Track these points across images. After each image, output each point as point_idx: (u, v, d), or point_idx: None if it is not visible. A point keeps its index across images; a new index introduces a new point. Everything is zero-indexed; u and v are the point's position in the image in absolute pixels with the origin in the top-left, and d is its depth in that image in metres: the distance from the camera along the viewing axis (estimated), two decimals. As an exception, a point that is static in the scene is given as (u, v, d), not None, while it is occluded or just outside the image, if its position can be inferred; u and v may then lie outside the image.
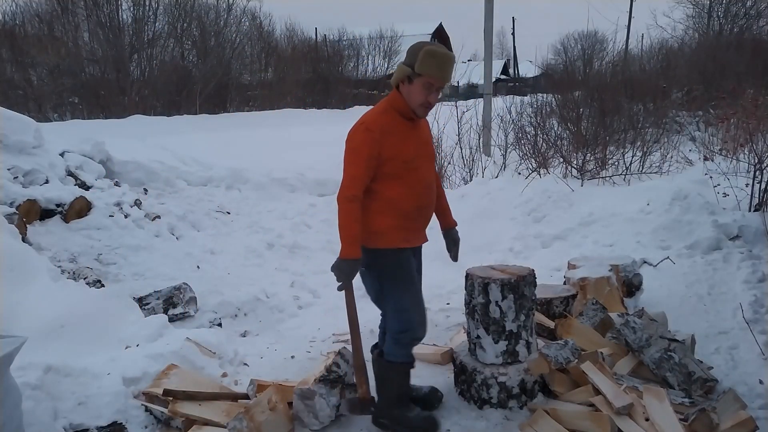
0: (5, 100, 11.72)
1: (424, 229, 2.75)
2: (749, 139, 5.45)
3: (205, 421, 2.73)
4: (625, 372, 2.98)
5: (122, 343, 3.32)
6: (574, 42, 36.52)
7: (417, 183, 2.61)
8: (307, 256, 5.63)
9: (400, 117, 2.59)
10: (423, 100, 2.53)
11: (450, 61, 2.52)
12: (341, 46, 27.28)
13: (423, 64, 2.47)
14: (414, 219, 2.65)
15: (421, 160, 2.64)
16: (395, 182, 2.56)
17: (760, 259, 4.14)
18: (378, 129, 2.51)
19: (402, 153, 2.55)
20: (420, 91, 2.52)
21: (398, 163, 2.54)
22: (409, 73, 2.50)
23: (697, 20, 24.68)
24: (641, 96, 9.99)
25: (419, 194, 2.63)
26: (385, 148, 2.51)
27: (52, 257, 4.19)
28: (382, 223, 2.59)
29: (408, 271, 2.67)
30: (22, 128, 5.05)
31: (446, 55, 2.50)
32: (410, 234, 2.66)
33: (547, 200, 5.92)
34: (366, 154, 2.49)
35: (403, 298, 2.65)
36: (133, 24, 17.96)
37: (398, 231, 2.61)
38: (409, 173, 2.58)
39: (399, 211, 2.59)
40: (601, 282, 3.65)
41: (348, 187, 2.51)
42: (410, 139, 2.59)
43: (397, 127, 2.57)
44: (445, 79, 2.52)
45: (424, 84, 2.50)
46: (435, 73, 2.49)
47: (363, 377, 2.72)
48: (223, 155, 7.67)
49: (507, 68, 45.72)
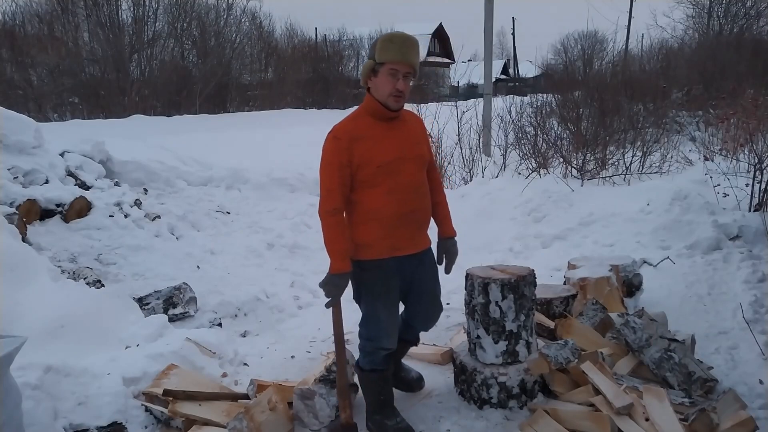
0: (5, 100, 11.73)
1: (416, 234, 2.60)
2: (749, 139, 5.45)
3: (205, 421, 2.73)
4: (625, 372, 2.98)
5: (122, 343, 3.33)
6: (574, 42, 36.53)
7: (398, 188, 2.47)
8: (307, 256, 5.63)
9: (373, 119, 2.49)
10: (391, 88, 2.40)
11: (409, 42, 2.42)
12: (341, 46, 27.29)
13: (382, 52, 2.38)
14: (399, 226, 2.50)
15: (404, 163, 2.48)
16: (373, 190, 2.46)
17: (760, 259, 4.14)
18: (345, 136, 2.41)
19: (375, 157, 2.42)
20: (386, 80, 2.40)
21: (372, 168, 2.42)
22: (373, 65, 2.42)
23: (697, 20, 24.71)
24: (641, 96, 9.99)
25: (402, 200, 2.49)
26: (355, 155, 2.40)
27: (52, 257, 4.19)
28: (365, 235, 2.50)
29: (387, 284, 2.57)
30: (22, 128, 5.05)
31: (404, 36, 2.42)
32: (398, 242, 2.53)
33: (547, 200, 5.92)
34: (336, 163, 2.40)
35: (377, 309, 2.59)
36: (133, 24, 17.98)
37: (383, 240, 2.50)
38: (388, 178, 2.45)
39: (381, 221, 2.48)
40: (601, 282, 3.65)
41: (326, 201, 2.44)
42: (387, 141, 2.47)
43: (370, 131, 2.46)
44: (407, 61, 2.39)
45: (389, 71, 2.39)
46: (395, 56, 2.37)
47: (346, 401, 2.62)
48: (223, 155, 7.67)
49: (507, 68, 45.73)
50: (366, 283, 2.58)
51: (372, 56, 2.43)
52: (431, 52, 36.53)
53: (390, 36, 2.42)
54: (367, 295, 2.60)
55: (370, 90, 2.49)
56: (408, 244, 2.57)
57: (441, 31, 38.88)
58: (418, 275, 2.66)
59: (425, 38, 36.34)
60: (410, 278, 2.64)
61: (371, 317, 2.62)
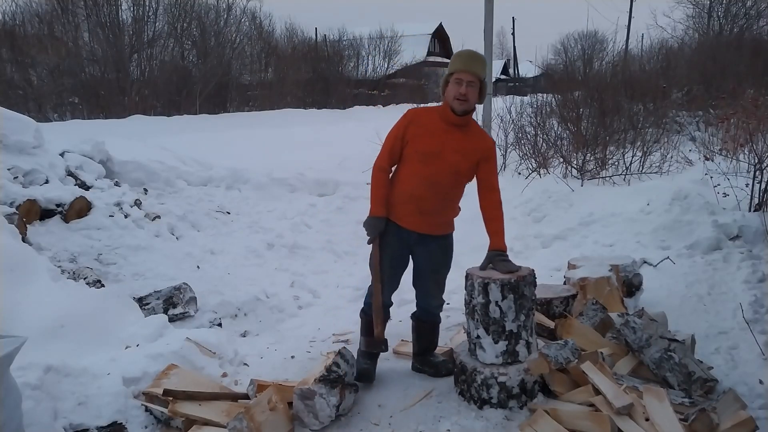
0: (5, 100, 11.72)
1: (418, 217, 3.01)
2: (749, 139, 5.45)
3: (205, 421, 2.73)
4: (625, 372, 2.98)
5: (122, 343, 3.32)
6: (574, 42, 36.53)
7: (420, 174, 2.94)
8: (307, 256, 5.63)
9: (439, 118, 2.97)
10: (456, 92, 2.87)
11: (474, 56, 2.93)
12: (341, 46, 27.29)
13: (451, 64, 2.93)
14: (404, 202, 3.00)
15: (437, 160, 2.92)
16: (405, 165, 3.02)
17: (760, 259, 4.14)
18: (410, 118, 2.99)
19: (418, 144, 2.94)
20: (453, 87, 2.89)
21: (412, 151, 2.96)
22: (446, 77, 2.94)
23: (697, 20, 24.69)
24: (641, 96, 9.98)
25: (417, 184, 2.96)
26: (408, 134, 2.96)
27: (52, 257, 4.18)
28: (390, 197, 3.04)
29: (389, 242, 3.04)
30: (22, 128, 5.04)
31: (470, 52, 2.95)
32: (400, 213, 3.02)
33: (547, 200, 5.92)
34: (394, 134, 3.01)
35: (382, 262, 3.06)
36: (133, 24, 17.95)
37: (393, 207, 3.03)
38: (418, 164, 2.94)
39: (397, 190, 3.03)
40: (601, 282, 3.65)
41: (378, 158, 3.05)
42: (435, 138, 2.93)
43: (430, 124, 2.96)
44: (470, 70, 2.87)
45: (455, 80, 2.88)
46: (459, 67, 2.88)
47: (379, 318, 3.09)
48: (223, 155, 7.67)
49: (507, 68, 45.71)
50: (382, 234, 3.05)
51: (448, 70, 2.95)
52: (431, 52, 36.50)
53: (459, 52, 2.99)
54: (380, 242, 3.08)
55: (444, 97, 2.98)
56: (408, 220, 3.03)
57: (441, 31, 38.83)
58: (419, 253, 3.11)
59: (425, 38, 36.31)
60: (411, 251, 3.11)
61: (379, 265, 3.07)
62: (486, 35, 8.53)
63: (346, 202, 6.98)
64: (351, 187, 7.34)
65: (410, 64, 30.34)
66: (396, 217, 3.03)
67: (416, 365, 3.33)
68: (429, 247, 3.09)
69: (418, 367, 3.32)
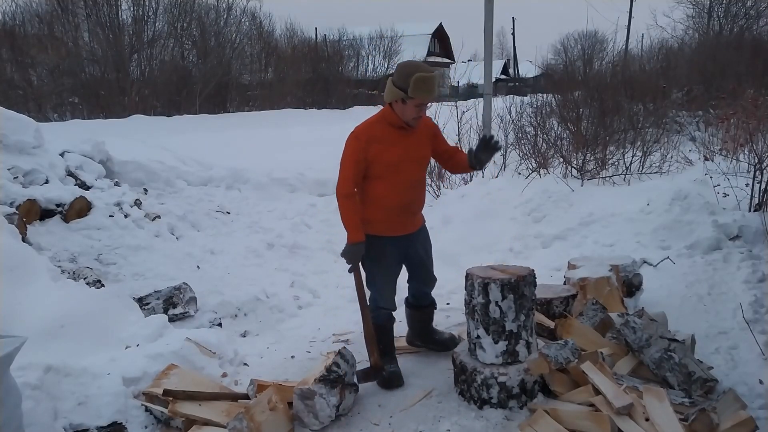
0: (5, 100, 11.71)
1: (409, 220, 3.18)
2: (749, 139, 5.46)
3: (205, 421, 2.73)
4: (625, 372, 2.98)
5: (122, 343, 3.32)
6: (574, 42, 36.48)
7: (400, 183, 3.05)
8: (307, 256, 5.62)
9: (390, 126, 3.03)
10: (416, 115, 2.97)
11: (435, 84, 2.94)
12: (341, 46, 27.28)
13: (416, 90, 2.86)
14: (397, 213, 3.10)
15: (407, 163, 3.04)
16: (380, 182, 3.04)
17: (760, 259, 4.14)
18: (365, 138, 2.98)
19: (384, 158, 2.99)
20: (412, 110, 2.95)
21: (381, 166, 3.00)
22: (403, 96, 2.90)
23: (697, 20, 24.70)
24: (641, 96, 9.97)
25: (401, 192, 3.07)
26: (370, 153, 2.97)
27: (52, 257, 4.18)
28: (370, 214, 3.07)
29: (385, 255, 3.13)
30: (22, 128, 5.04)
31: (433, 78, 2.90)
32: (393, 225, 3.11)
33: (547, 200, 5.92)
34: (354, 158, 2.98)
35: (375, 274, 3.17)
36: (133, 24, 17.94)
37: (381, 223, 3.08)
38: (393, 174, 3.02)
39: (382, 207, 3.07)
40: (601, 282, 3.65)
41: (342, 186, 3.02)
42: (397, 145, 3.01)
43: (386, 135, 3.01)
44: (433, 99, 3.04)
45: (417, 104, 2.93)
46: (426, 96, 2.90)
47: (373, 346, 3.13)
48: (223, 155, 7.67)
49: (507, 68, 45.69)
50: (368, 251, 3.08)
51: (401, 87, 2.89)
52: (431, 52, 36.52)
53: (423, 78, 2.86)
54: (367, 261, 3.13)
55: (392, 105, 2.99)
56: (401, 228, 3.15)
57: (441, 31, 38.86)
58: (412, 251, 3.24)
59: (425, 38, 36.31)
60: (405, 253, 3.22)
61: (371, 281, 3.19)
62: (486, 35, 8.52)
63: (346, 202, 6.97)
64: (351, 187, 7.33)
65: (410, 64, 30.27)
66: (387, 230, 3.10)
67: (417, 343, 3.54)
68: (420, 239, 3.27)
69: (418, 344, 3.53)
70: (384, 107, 3.08)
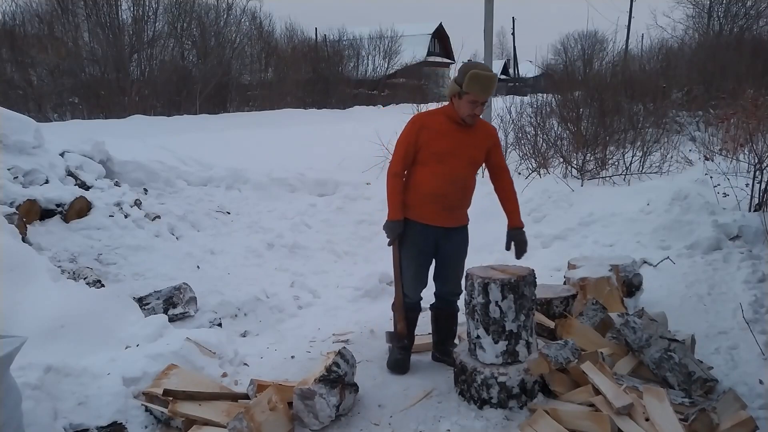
0: (5, 100, 11.71)
1: (442, 213, 3.18)
2: (749, 139, 5.46)
3: (205, 421, 2.73)
4: (625, 372, 2.98)
5: (122, 343, 3.32)
6: (574, 42, 36.46)
7: (440, 174, 3.12)
8: (307, 256, 5.63)
9: (447, 120, 3.14)
10: (470, 112, 3.07)
11: (492, 81, 3.04)
12: (341, 46, 27.26)
13: (469, 85, 2.99)
14: (430, 202, 3.15)
15: (453, 158, 3.12)
16: (423, 168, 3.16)
17: (760, 259, 4.14)
18: (419, 123, 3.15)
19: (432, 146, 3.10)
20: (467, 105, 3.06)
21: (428, 153, 3.12)
22: (459, 90, 3.04)
23: (697, 20, 24.67)
24: (641, 96, 9.98)
25: (439, 183, 3.13)
26: (420, 138, 3.12)
27: (52, 257, 4.18)
28: (407, 199, 3.20)
29: (416, 242, 3.21)
30: (22, 128, 5.04)
31: (489, 77, 3.01)
32: (425, 212, 3.17)
33: (547, 200, 5.92)
34: (406, 141, 3.16)
35: (405, 261, 3.26)
36: (133, 24, 17.93)
37: (416, 208, 3.18)
38: (436, 164, 3.11)
39: (418, 192, 3.17)
40: (601, 282, 3.65)
41: (392, 165, 3.20)
42: (447, 138, 3.11)
43: (439, 126, 3.13)
44: (487, 97, 3.07)
45: (470, 100, 3.03)
46: (479, 92, 3.01)
47: (400, 315, 3.30)
48: (223, 155, 7.66)
49: (507, 68, 45.68)
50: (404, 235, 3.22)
51: (459, 82, 3.04)
52: (431, 52, 36.48)
53: (477, 74, 2.99)
54: (402, 244, 3.25)
55: (452, 100, 3.12)
56: (434, 218, 3.18)
57: (441, 31, 38.80)
58: (443, 246, 3.25)
59: (425, 38, 36.27)
60: (435, 245, 3.25)
61: (404, 266, 3.26)
62: (486, 35, 8.53)
63: (346, 202, 6.99)
64: (351, 187, 7.35)
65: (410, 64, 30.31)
66: (420, 217, 3.18)
67: (436, 355, 3.49)
68: (453, 239, 3.28)
69: (438, 356, 3.48)
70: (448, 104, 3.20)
